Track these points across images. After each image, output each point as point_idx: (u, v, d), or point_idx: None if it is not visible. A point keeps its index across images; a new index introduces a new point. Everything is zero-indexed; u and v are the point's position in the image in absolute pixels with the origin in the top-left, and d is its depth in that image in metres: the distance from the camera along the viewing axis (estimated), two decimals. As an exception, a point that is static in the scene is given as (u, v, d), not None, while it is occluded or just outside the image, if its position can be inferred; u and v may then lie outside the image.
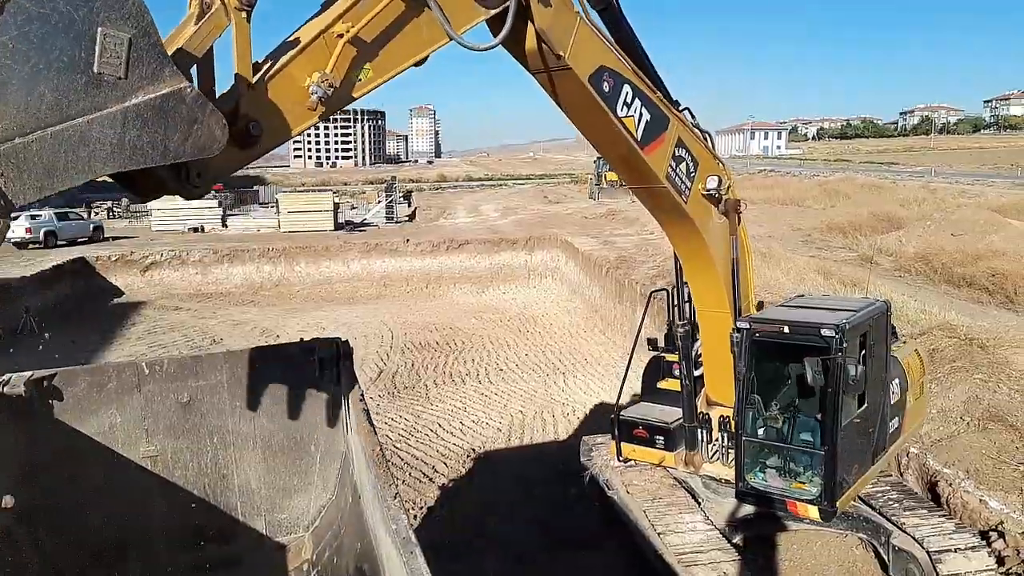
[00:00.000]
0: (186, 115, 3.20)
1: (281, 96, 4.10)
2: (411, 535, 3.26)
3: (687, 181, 7.10)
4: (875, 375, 7.33)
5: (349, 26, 4.26)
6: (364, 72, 4.60)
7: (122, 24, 2.86)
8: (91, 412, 5.29)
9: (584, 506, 9.12)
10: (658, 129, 6.73)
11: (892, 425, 7.86)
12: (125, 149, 3.04)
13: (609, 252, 24.45)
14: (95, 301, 25.74)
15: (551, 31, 5.49)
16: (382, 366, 17.68)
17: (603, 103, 6.15)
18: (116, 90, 2.95)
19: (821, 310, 7.49)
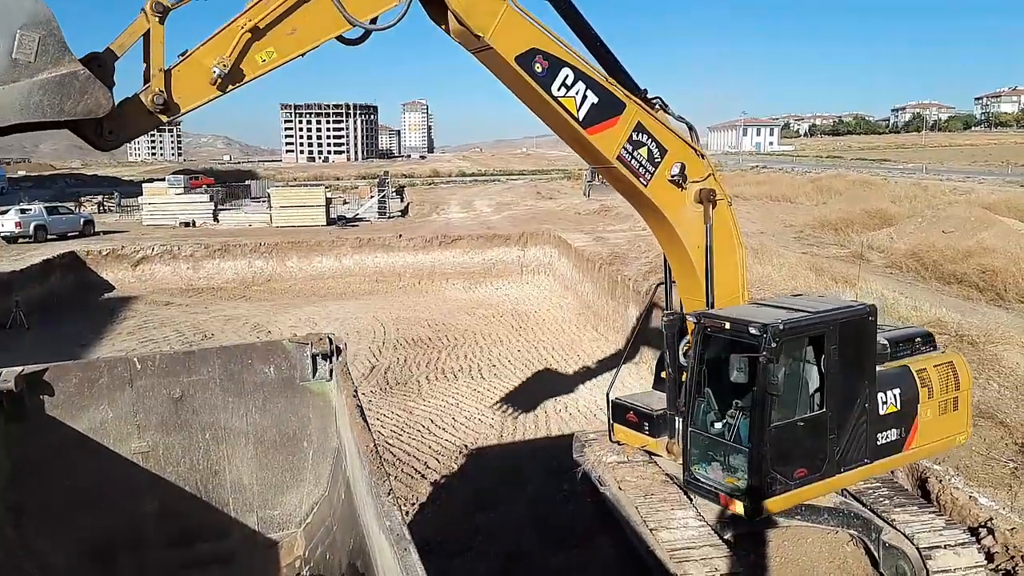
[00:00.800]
0: (79, 88, 5.01)
1: (188, 76, 5.69)
2: (405, 531, 3.26)
3: (648, 165, 7.50)
4: (839, 381, 7.18)
5: (248, 18, 5.71)
6: (268, 54, 5.95)
7: (35, 28, 4.77)
8: (82, 408, 5.27)
9: (576, 502, 9.14)
10: (608, 112, 7.24)
11: (886, 436, 7.67)
12: (30, 108, 4.90)
13: (602, 248, 24.46)
14: (86, 296, 25.62)
15: (468, 16, 6.40)
16: (374, 362, 17.65)
17: (534, 82, 6.85)
18: (27, 70, 4.82)
19: (782, 309, 7.38)
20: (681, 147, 7.69)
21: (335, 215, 38.21)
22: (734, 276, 8.06)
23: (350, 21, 6.02)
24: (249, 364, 5.63)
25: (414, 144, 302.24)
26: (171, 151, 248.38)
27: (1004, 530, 7.78)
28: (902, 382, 7.84)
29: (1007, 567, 7.38)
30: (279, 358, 5.69)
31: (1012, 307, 15.93)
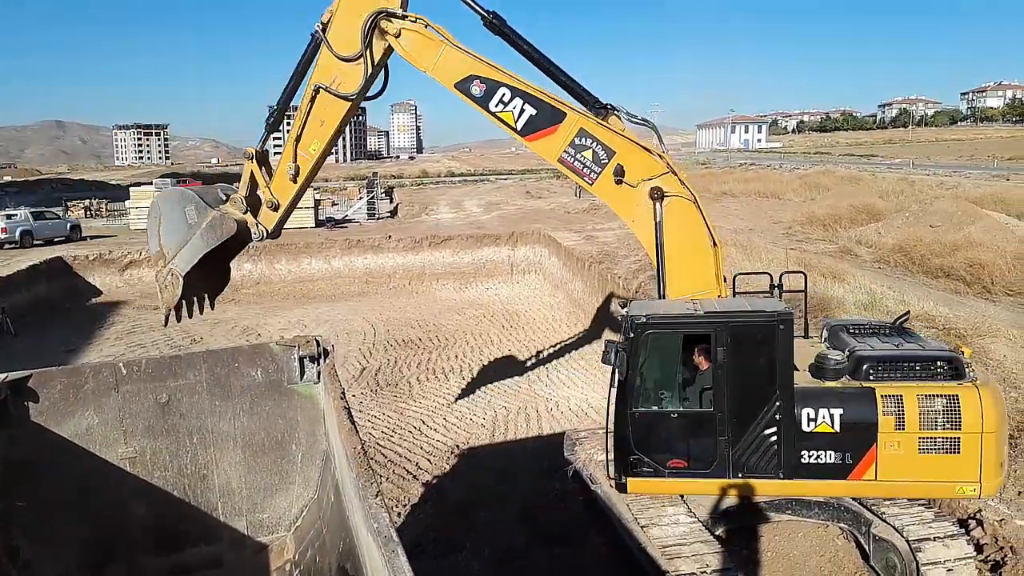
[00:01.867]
0: (220, 223, 9.52)
1: (279, 182, 9.75)
2: (393, 533, 3.24)
3: (593, 167, 8.32)
4: (733, 385, 7.28)
5: (291, 133, 9.37)
6: (315, 144, 9.38)
7: (189, 202, 9.57)
8: (68, 414, 5.22)
9: (568, 500, 9.14)
10: (547, 122, 8.42)
11: (817, 457, 7.27)
12: (204, 244, 9.43)
13: (591, 247, 24.50)
14: (73, 301, 25.43)
15: (413, 59, 8.76)
16: (365, 363, 17.60)
17: (473, 103, 8.56)
18: (195, 227, 9.46)
19: (689, 306, 7.65)
20: (629, 148, 8.19)
21: (324, 217, 38.12)
22: (704, 271, 8.06)
23: (346, 99, 9.05)
24: (236, 367, 5.60)
25: (403, 145, 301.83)
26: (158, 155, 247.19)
27: (993, 521, 7.83)
28: (851, 404, 7.18)
29: (996, 558, 7.42)
30: (266, 361, 5.65)
31: (999, 300, 16.05)
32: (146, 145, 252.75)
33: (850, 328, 8.19)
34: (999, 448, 7.05)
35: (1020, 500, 8.10)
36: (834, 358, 7.31)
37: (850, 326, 8.27)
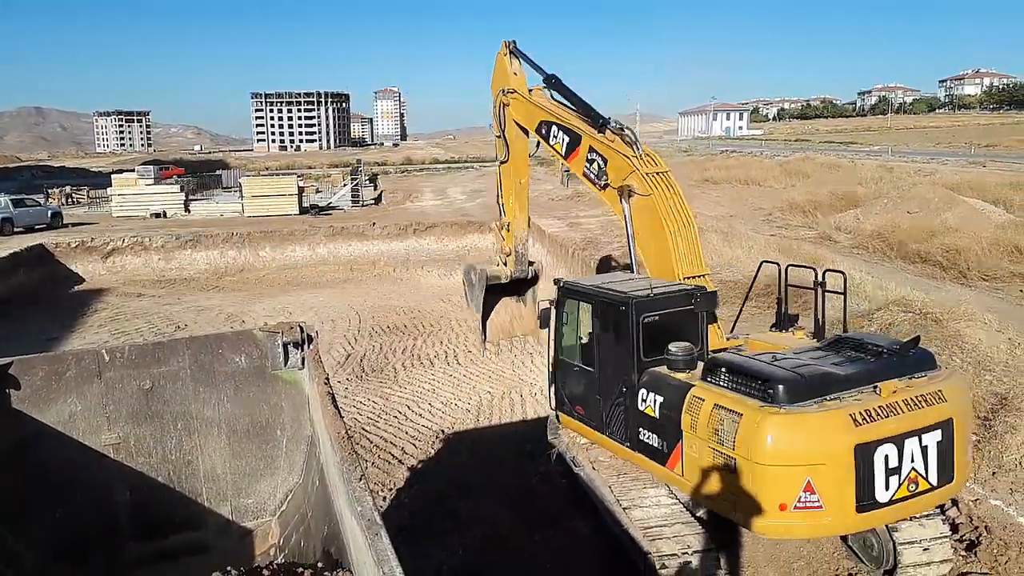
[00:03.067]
0: (479, 278, 14.69)
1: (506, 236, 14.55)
2: (376, 516, 3.30)
3: (599, 176, 10.00)
4: (603, 352, 8.19)
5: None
6: (511, 201, 14.73)
7: (471, 273, 14.94)
8: (50, 401, 5.22)
9: (551, 483, 9.23)
10: (574, 145, 10.59)
11: (648, 437, 7.43)
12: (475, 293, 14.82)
13: (575, 234, 24.57)
14: (56, 289, 25.23)
15: (515, 116, 12.66)
16: (350, 350, 17.62)
17: (542, 139, 11.69)
18: (476, 288, 14.74)
19: (611, 280, 8.86)
20: (611, 154, 9.74)
21: (308, 204, 37.93)
22: (665, 257, 8.82)
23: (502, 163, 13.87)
24: (220, 354, 5.62)
25: (387, 132, 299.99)
26: (140, 142, 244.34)
27: (968, 502, 8.00)
28: (668, 395, 7.20)
29: (971, 537, 7.60)
30: (250, 347, 5.67)
31: (975, 284, 16.30)
32: (128, 132, 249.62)
33: (840, 340, 7.64)
34: (778, 485, 6.19)
35: (995, 481, 8.30)
36: (681, 352, 7.34)
37: (846, 339, 7.64)
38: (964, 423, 6.74)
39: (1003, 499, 8.00)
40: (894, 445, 6.24)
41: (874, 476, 6.20)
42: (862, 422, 6.16)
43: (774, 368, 6.66)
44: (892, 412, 6.28)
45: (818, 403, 6.32)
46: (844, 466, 6.12)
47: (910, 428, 6.31)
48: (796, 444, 6.20)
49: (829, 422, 6.20)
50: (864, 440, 6.14)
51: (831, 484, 6.14)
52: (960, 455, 6.65)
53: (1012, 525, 7.59)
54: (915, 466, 6.35)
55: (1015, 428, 8.75)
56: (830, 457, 6.13)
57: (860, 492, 6.17)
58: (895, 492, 6.31)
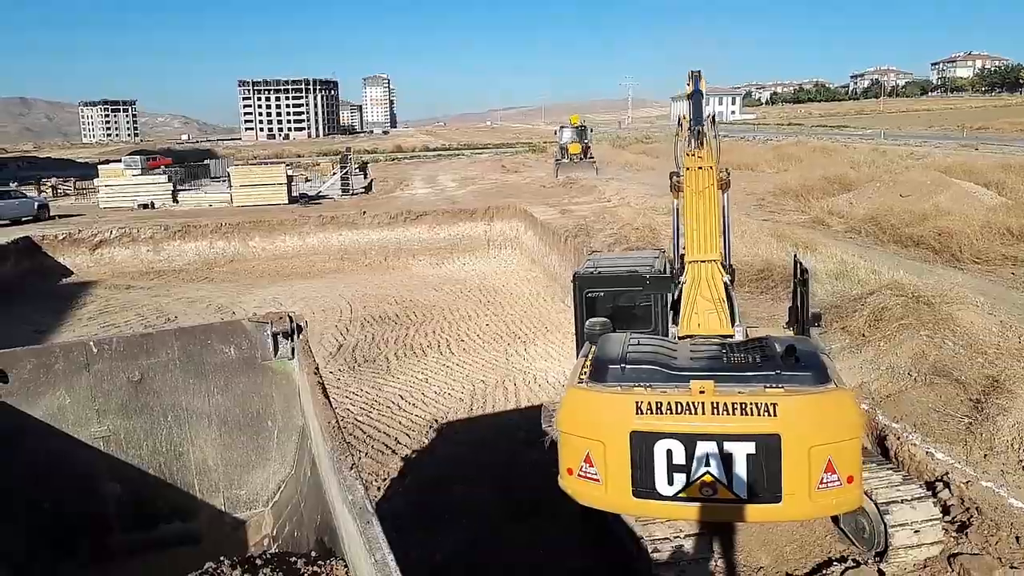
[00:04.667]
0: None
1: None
2: (368, 505, 3.27)
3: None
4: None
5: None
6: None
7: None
8: (38, 394, 5.16)
9: (545, 471, 9.20)
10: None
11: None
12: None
13: (568, 221, 24.52)
14: (43, 281, 25.01)
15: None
16: (342, 340, 17.56)
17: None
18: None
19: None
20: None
21: (297, 193, 37.69)
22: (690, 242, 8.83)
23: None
24: (209, 344, 5.55)
25: (376, 119, 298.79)
26: (127, 131, 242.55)
27: (959, 483, 8.03)
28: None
29: (962, 519, 7.63)
30: (239, 338, 5.61)
31: (967, 268, 16.34)
32: (114, 122, 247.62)
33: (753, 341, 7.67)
34: (566, 450, 6.81)
35: (986, 463, 8.32)
36: (597, 327, 7.96)
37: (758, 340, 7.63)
38: (804, 445, 6.11)
39: (994, 480, 8.03)
40: (680, 443, 6.25)
41: (653, 467, 6.31)
42: (645, 412, 6.28)
43: (607, 351, 7.02)
44: (689, 411, 6.24)
45: (623, 387, 6.51)
46: (619, 449, 6.35)
47: (707, 432, 6.21)
48: (581, 417, 6.64)
49: (611, 404, 6.47)
50: (642, 429, 6.26)
51: (608, 462, 6.43)
52: (794, 477, 6.15)
53: (1003, 506, 7.61)
54: (711, 471, 6.26)
55: (1006, 410, 8.77)
56: (606, 437, 6.41)
57: (636, 478, 6.37)
58: (681, 490, 6.33)
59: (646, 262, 9.23)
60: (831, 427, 6.20)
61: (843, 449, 6.21)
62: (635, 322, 8.46)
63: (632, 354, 6.87)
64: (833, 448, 6.15)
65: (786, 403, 6.15)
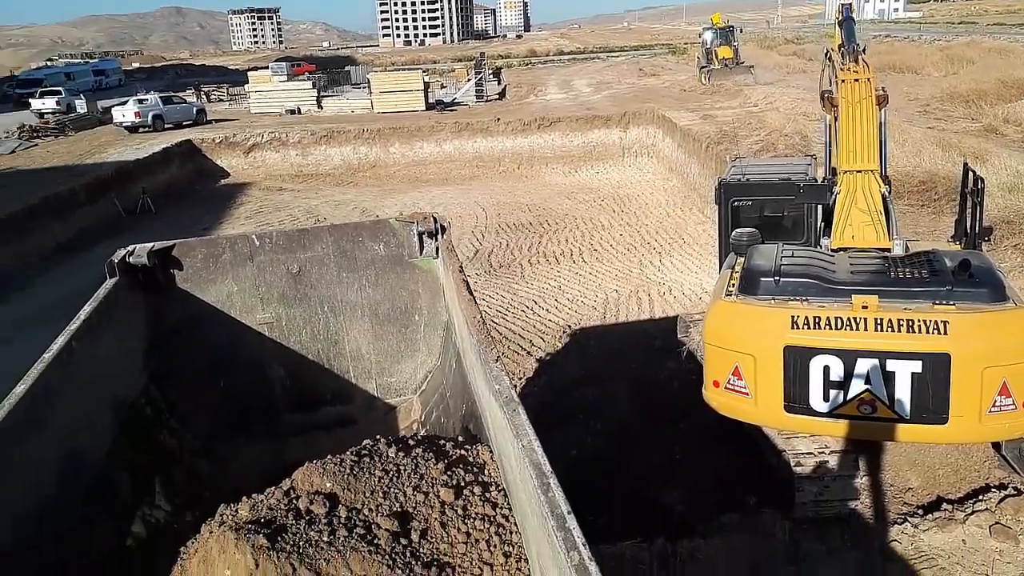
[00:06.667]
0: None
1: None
2: (513, 394, 3.35)
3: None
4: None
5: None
6: None
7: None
8: (209, 281, 5.58)
9: (682, 380, 9.15)
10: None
11: None
12: None
13: (709, 127, 23.44)
14: (204, 182, 26.91)
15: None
16: (477, 246, 17.90)
17: None
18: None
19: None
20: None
21: (433, 100, 38.01)
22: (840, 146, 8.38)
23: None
24: (360, 241, 5.79)
25: (510, 23, 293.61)
26: (272, 38, 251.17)
27: None
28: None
29: None
30: (387, 236, 5.82)
31: None
32: (260, 29, 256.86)
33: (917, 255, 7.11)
34: (713, 363, 6.77)
35: None
36: (744, 237, 7.57)
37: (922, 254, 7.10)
38: (977, 366, 5.77)
39: None
40: (839, 359, 6.04)
41: (808, 383, 6.15)
42: (801, 326, 6.09)
43: (758, 263, 6.78)
44: (850, 326, 5.97)
45: (777, 301, 6.31)
46: (771, 363, 6.22)
47: (869, 348, 5.94)
48: (729, 330, 6.55)
49: (764, 318, 6.31)
50: (798, 344, 6.10)
51: (758, 376, 6.31)
52: (963, 399, 5.83)
53: None
54: (871, 388, 6.01)
55: None
56: (757, 351, 6.29)
57: (788, 393, 6.24)
58: (837, 407, 6.14)
59: (798, 169, 8.70)
60: (1008, 348, 5.81)
61: (1020, 372, 5.80)
62: (783, 233, 8.06)
63: (786, 266, 6.59)
64: (1009, 370, 5.76)
65: (959, 321, 5.80)
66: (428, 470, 3.75)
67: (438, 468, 3.76)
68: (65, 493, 4.00)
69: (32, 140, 31.70)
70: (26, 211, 19.27)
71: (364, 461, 3.83)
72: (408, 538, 3.36)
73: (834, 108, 8.20)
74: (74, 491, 4.07)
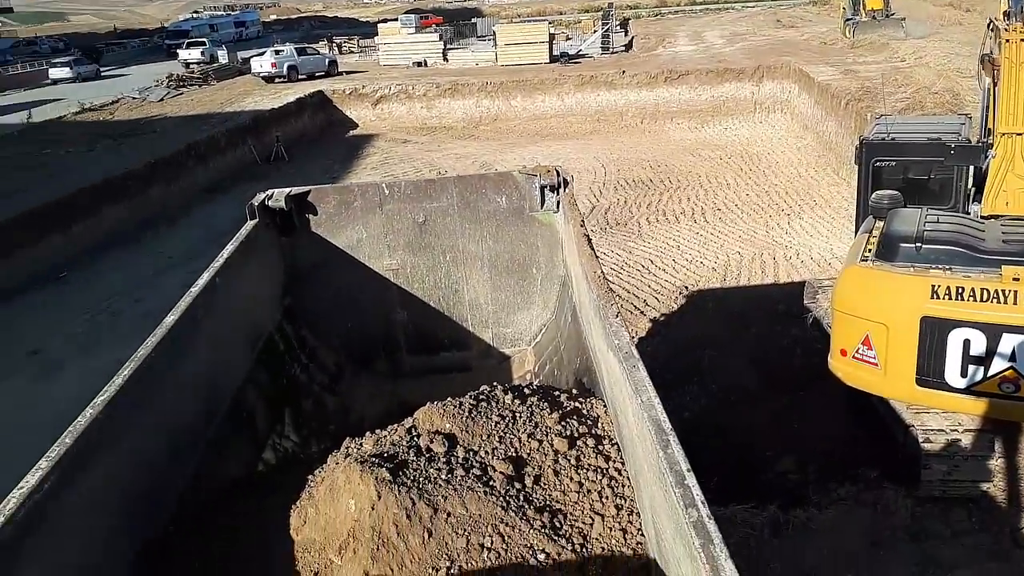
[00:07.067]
0: None
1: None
2: (633, 350, 3.33)
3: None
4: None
5: None
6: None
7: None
8: (340, 227, 5.84)
9: (805, 348, 8.82)
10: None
11: None
12: None
13: (850, 83, 22.01)
14: (333, 132, 27.89)
15: None
16: (595, 202, 17.73)
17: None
18: None
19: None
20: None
21: (558, 52, 37.52)
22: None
23: None
24: (483, 193, 5.88)
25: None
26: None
27: None
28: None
29: None
30: (510, 188, 5.87)
31: None
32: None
33: None
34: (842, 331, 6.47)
35: None
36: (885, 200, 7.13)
37: None
38: None
39: None
40: (982, 333, 5.64)
41: (945, 356, 5.82)
42: (942, 296, 5.70)
43: (899, 228, 6.41)
44: (997, 299, 5.56)
45: (917, 268, 5.95)
46: (906, 334, 5.91)
47: (1018, 324, 5.52)
48: (862, 297, 6.23)
49: (901, 286, 5.98)
50: (936, 315, 5.77)
51: (890, 347, 6.01)
52: None
53: None
54: (1016, 366, 5.59)
55: None
56: (891, 320, 5.98)
57: (922, 366, 5.94)
58: (976, 383, 5.77)
59: (950, 129, 8.06)
60: None
61: None
62: (928, 197, 7.53)
63: (930, 232, 6.21)
64: None
65: None
66: (543, 419, 3.81)
67: (552, 418, 3.82)
68: (207, 414, 4.34)
69: (179, 89, 33.75)
70: (174, 156, 20.69)
71: (482, 406, 3.93)
72: (522, 483, 3.44)
73: (995, 70, 7.51)
74: (215, 413, 4.41)
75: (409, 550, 3.13)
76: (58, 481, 2.82)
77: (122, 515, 3.34)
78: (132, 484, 3.40)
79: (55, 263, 15.56)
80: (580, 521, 3.28)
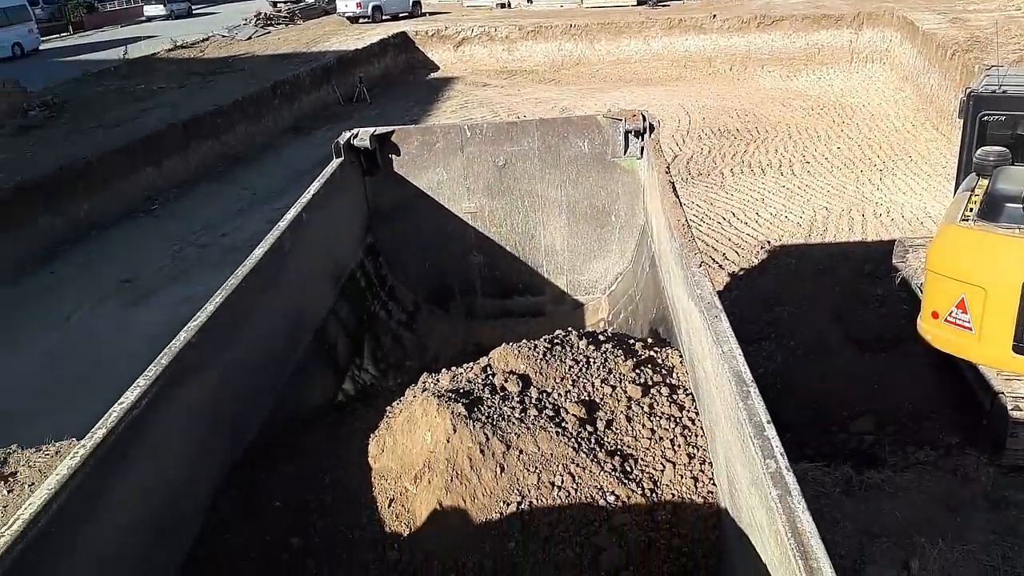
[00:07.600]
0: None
1: None
2: (716, 301, 3.28)
3: None
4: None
5: None
6: None
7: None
8: (422, 168, 5.90)
9: (891, 308, 8.50)
10: None
11: None
12: None
13: (958, 31, 20.61)
14: (415, 73, 27.89)
15: None
16: (677, 151, 17.29)
17: None
18: None
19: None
20: None
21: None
22: None
23: None
24: (565, 137, 5.82)
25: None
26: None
27: None
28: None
29: None
30: (593, 133, 5.79)
31: None
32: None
33: None
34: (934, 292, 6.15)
35: None
36: (991, 157, 6.65)
37: None
38: None
39: None
40: None
41: None
42: None
43: (1004, 187, 6.04)
44: None
45: (1022, 229, 5.69)
46: (1005, 298, 5.67)
47: None
48: (960, 258, 6.00)
49: (1004, 248, 5.72)
50: None
51: (986, 311, 5.79)
52: None
53: None
54: None
55: None
56: (990, 283, 5.75)
57: (1021, 333, 5.69)
58: None
59: None
60: None
61: None
62: None
63: None
64: None
65: None
66: (617, 366, 3.81)
67: (627, 365, 3.82)
68: (292, 344, 4.52)
69: (266, 28, 34.25)
70: (260, 95, 21.12)
71: (556, 349, 3.96)
72: (594, 426, 3.47)
73: None
74: (299, 343, 4.59)
75: (482, 483, 3.22)
76: (155, 397, 3.00)
77: (211, 435, 3.54)
78: (221, 405, 3.59)
79: (148, 196, 16.31)
80: (651, 467, 3.30)
